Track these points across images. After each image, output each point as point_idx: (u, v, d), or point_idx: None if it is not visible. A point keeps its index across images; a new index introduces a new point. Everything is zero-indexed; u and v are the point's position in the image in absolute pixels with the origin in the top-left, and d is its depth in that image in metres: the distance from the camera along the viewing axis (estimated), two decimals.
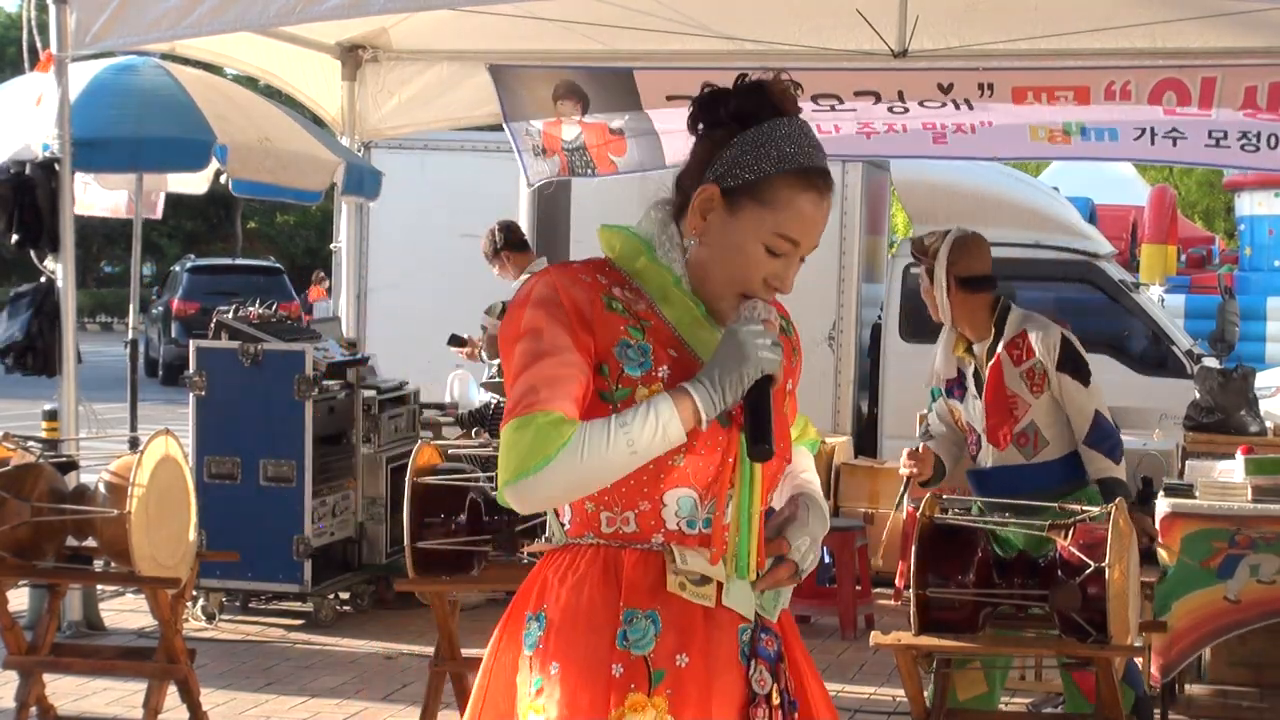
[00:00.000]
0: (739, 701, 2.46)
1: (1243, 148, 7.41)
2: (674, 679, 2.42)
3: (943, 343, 5.31)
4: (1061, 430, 5.21)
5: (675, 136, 8.28)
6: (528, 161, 8.64)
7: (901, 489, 5.30)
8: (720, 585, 2.47)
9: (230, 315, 8.04)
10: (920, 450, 5.14)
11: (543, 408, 2.36)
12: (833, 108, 7.73)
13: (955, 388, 5.28)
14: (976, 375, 5.21)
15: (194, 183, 9.59)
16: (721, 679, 2.45)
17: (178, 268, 25.60)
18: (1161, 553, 5.73)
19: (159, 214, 10.60)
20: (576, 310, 2.42)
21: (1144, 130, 7.58)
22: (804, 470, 2.75)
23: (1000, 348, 5.17)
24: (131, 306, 9.87)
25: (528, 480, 2.36)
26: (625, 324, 2.45)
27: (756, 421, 2.40)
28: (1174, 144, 7.54)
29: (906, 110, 7.73)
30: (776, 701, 2.49)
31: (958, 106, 7.62)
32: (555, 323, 2.41)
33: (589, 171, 8.55)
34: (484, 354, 8.67)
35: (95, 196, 9.71)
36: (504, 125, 8.63)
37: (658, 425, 2.36)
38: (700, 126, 2.59)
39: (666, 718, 2.40)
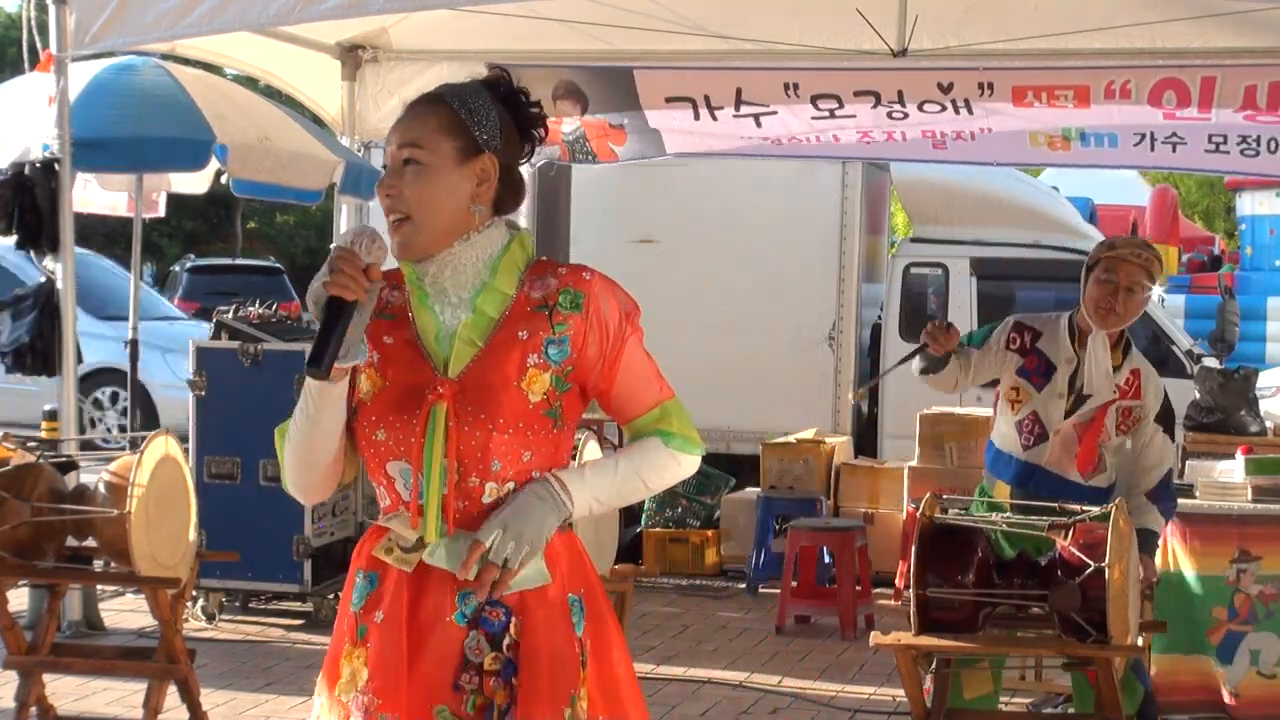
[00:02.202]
0: (454, 663, 2.63)
1: (1242, 152, 7.40)
2: (372, 634, 2.66)
3: (1096, 359, 5.12)
4: (1114, 461, 5.20)
5: (675, 134, 8.27)
6: None
7: (914, 351, 5.17)
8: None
9: (230, 315, 8.04)
10: (951, 329, 5.03)
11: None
12: (832, 113, 7.72)
13: (1036, 373, 5.18)
14: (1073, 379, 5.14)
15: (194, 183, 9.59)
16: (430, 638, 2.63)
17: (178, 268, 25.58)
18: (1160, 558, 5.71)
19: (161, 212, 10.60)
20: None
21: (1144, 135, 7.57)
22: (619, 453, 2.79)
23: (1122, 380, 5.13)
24: (131, 306, 9.87)
25: (285, 478, 2.79)
26: None
27: (316, 342, 2.56)
28: (1173, 149, 7.53)
29: (906, 115, 7.71)
30: (495, 669, 2.62)
31: (958, 110, 7.60)
32: None
33: (589, 158, 8.54)
34: None
35: (95, 194, 9.71)
36: None
37: (306, 382, 2.65)
38: None
39: (363, 668, 2.65)
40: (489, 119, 2.71)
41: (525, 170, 2.86)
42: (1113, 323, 5.09)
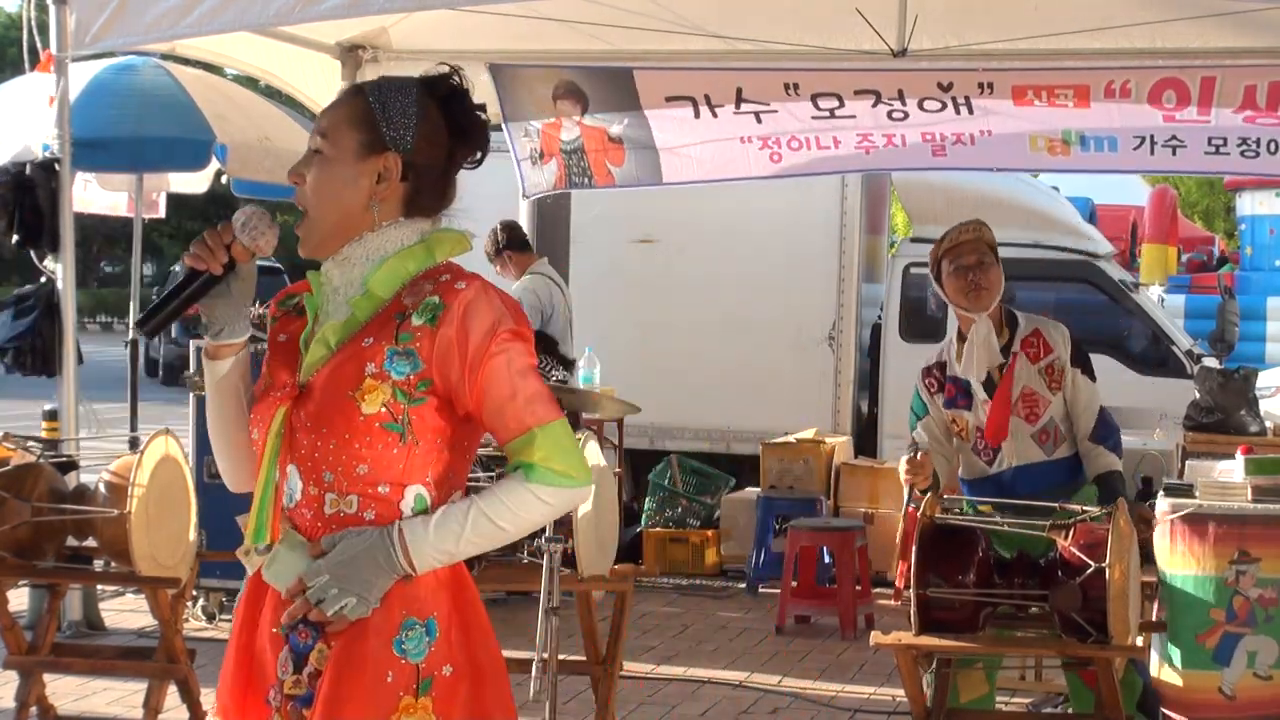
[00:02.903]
0: (272, 677, 2.61)
1: (1242, 154, 7.39)
2: (230, 637, 2.71)
3: (981, 344, 5.18)
4: (1069, 427, 5.24)
5: (672, 154, 8.25)
6: (524, 171, 8.63)
7: (906, 501, 5.20)
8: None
9: None
10: (919, 457, 5.05)
11: None
12: (832, 113, 7.72)
13: (959, 398, 5.24)
14: (989, 380, 5.18)
15: (194, 182, 9.59)
16: (265, 651, 2.62)
17: (178, 268, 25.63)
18: (1159, 559, 5.69)
19: (161, 212, 10.60)
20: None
21: (1143, 139, 7.57)
22: (478, 494, 2.57)
23: (1017, 346, 5.18)
24: (132, 306, 9.87)
25: None
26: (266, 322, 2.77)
27: (156, 302, 2.64)
28: (1174, 153, 7.53)
29: (906, 116, 7.71)
30: (296, 693, 2.57)
31: (958, 109, 7.60)
32: None
33: (586, 181, 8.52)
34: None
35: (95, 194, 9.72)
36: (503, 128, 8.61)
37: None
38: None
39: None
40: (403, 116, 2.61)
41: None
42: (985, 299, 5.20)
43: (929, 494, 5.03)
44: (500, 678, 2.62)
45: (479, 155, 2.70)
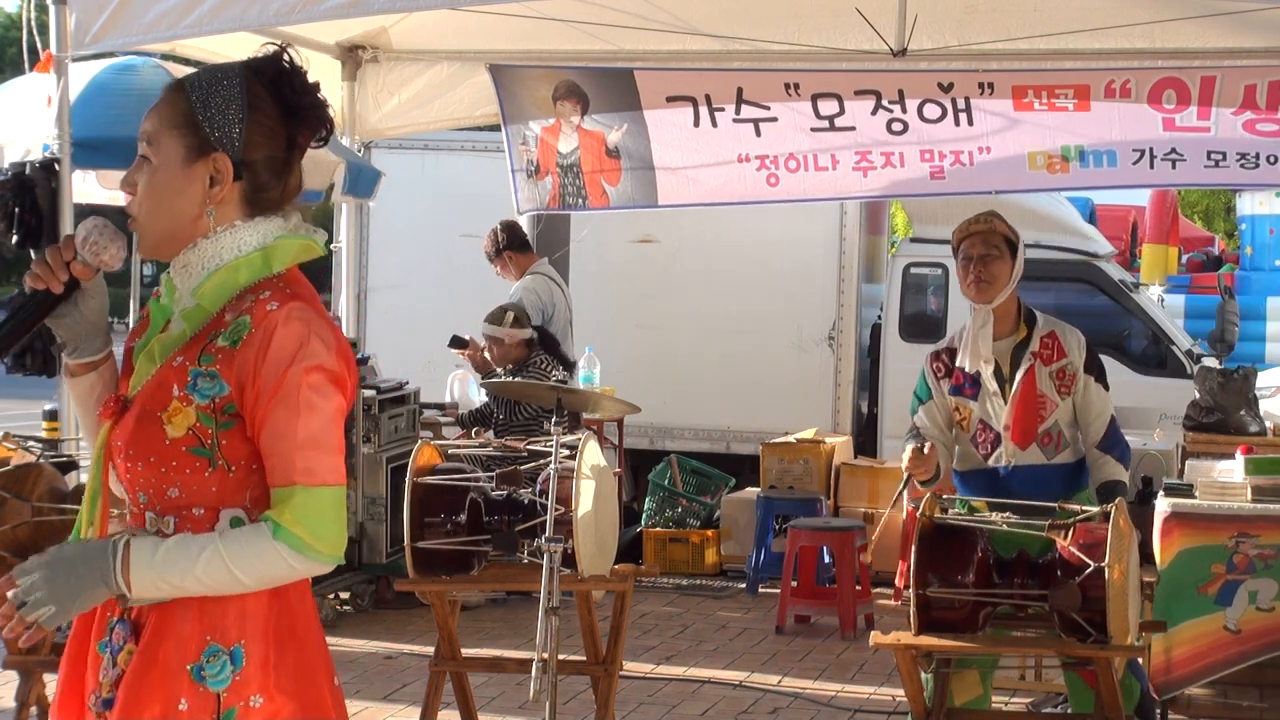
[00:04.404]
0: (95, 683, 2.48)
1: (1241, 166, 7.41)
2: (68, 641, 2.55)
3: (975, 336, 5.19)
4: (1075, 434, 5.23)
5: (670, 174, 8.23)
6: (519, 183, 8.62)
7: (901, 486, 5.25)
8: None
9: None
10: (926, 450, 5.06)
11: None
12: (832, 121, 7.71)
13: (966, 385, 5.25)
14: (998, 373, 5.18)
15: None
16: (78, 665, 2.51)
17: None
18: (1157, 557, 5.70)
19: None
20: None
21: (1143, 153, 7.57)
22: (221, 534, 2.40)
23: (1036, 346, 5.18)
24: (132, 306, 9.87)
25: None
26: None
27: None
28: (1173, 166, 7.54)
29: (906, 127, 7.70)
30: (106, 695, 2.45)
31: (957, 117, 7.59)
32: None
33: (580, 202, 8.51)
34: (488, 357, 8.62)
35: (95, 186, 9.71)
36: (503, 134, 8.60)
37: None
38: None
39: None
40: (226, 112, 2.44)
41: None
42: (985, 292, 5.16)
43: (927, 486, 5.04)
44: (323, 712, 2.48)
45: (323, 134, 2.53)
